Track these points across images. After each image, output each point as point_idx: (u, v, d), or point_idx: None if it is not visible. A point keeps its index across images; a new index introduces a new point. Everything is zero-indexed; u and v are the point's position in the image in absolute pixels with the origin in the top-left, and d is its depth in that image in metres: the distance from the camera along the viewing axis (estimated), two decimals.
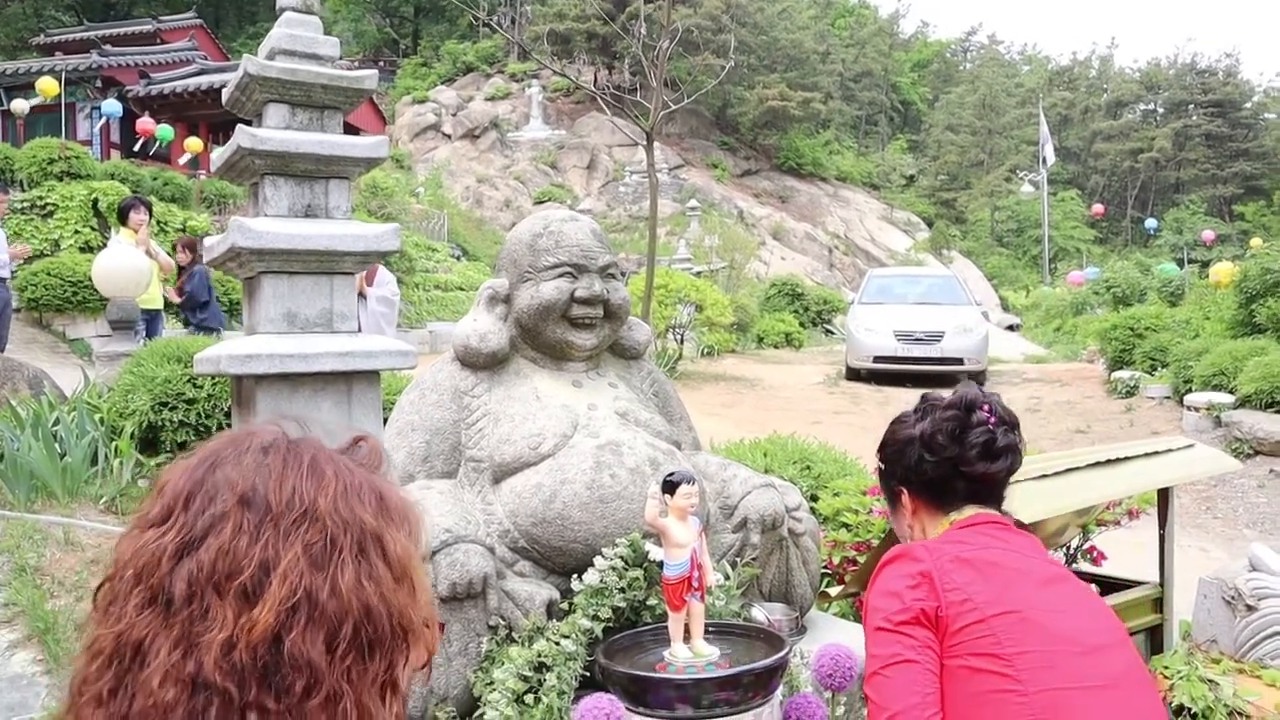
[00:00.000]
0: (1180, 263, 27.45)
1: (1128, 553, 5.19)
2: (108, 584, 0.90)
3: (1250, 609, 3.27)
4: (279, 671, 0.83)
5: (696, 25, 36.23)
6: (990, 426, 1.87)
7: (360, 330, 7.71)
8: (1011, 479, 2.52)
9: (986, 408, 1.89)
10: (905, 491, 1.98)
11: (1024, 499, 2.46)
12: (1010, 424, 1.91)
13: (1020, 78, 60.18)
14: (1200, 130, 51.48)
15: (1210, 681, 2.93)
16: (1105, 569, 3.94)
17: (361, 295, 7.95)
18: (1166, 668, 3.02)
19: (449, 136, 42.58)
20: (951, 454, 1.87)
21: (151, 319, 9.08)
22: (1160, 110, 56.15)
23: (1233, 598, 3.33)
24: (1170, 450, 3.11)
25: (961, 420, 1.88)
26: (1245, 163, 49.72)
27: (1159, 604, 3.27)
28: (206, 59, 27.56)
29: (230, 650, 0.82)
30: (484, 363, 3.06)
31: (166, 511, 0.89)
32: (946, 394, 1.97)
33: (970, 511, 1.89)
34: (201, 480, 0.90)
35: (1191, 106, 52.90)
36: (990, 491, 1.91)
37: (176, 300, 9.45)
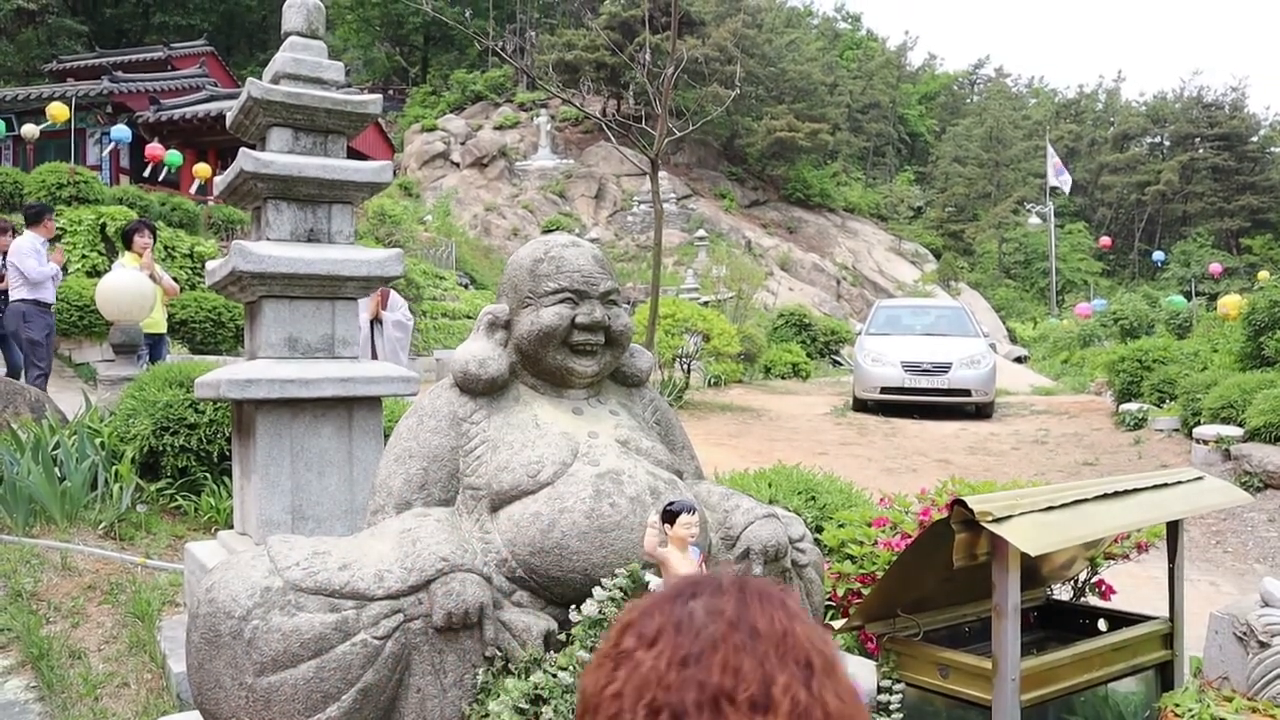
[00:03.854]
0: (1188, 295, 27.36)
1: (1137, 586, 5.14)
2: (586, 715, 0.96)
3: (1263, 645, 3.20)
4: None
5: (705, 56, 36.50)
6: None
7: (377, 355, 7.72)
8: (1016, 511, 2.42)
9: None
10: None
11: (1030, 531, 2.40)
12: None
13: (1027, 110, 60.32)
14: (1207, 163, 51.58)
15: None
16: (1114, 603, 3.88)
17: (378, 320, 7.92)
18: (1178, 705, 2.95)
19: (457, 165, 42.79)
20: None
21: (155, 343, 9.07)
22: (1167, 143, 56.29)
23: (1245, 634, 3.26)
24: (1180, 482, 3.06)
25: None
26: (1252, 196, 49.77)
27: (1169, 640, 3.20)
28: (217, 85, 27.79)
29: None
30: (483, 389, 3.02)
31: (653, 638, 0.96)
32: None
33: None
34: (680, 613, 0.97)
35: (1198, 140, 53.03)
36: None
37: None
